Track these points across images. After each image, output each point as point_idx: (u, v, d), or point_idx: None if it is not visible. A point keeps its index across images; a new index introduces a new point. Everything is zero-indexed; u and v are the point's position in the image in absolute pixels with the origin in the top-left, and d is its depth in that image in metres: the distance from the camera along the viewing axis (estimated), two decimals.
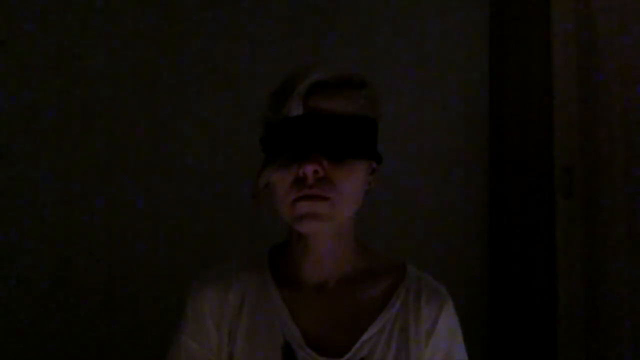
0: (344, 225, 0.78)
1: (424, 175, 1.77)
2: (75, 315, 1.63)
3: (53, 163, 1.67)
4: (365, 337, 0.77)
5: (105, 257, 1.66)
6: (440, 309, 0.80)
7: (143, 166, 1.70)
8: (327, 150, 0.71)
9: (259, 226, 1.39)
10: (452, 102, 1.80)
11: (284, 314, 0.78)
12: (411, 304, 0.80)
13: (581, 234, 1.39)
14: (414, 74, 1.79)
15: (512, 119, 1.71)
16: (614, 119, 1.37)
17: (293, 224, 0.74)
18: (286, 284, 0.80)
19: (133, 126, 1.71)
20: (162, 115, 1.72)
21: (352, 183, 0.73)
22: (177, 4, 1.75)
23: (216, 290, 0.80)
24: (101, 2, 1.72)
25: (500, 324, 1.70)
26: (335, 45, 1.77)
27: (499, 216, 1.75)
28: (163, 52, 1.73)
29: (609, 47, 1.38)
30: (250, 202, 0.76)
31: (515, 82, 1.69)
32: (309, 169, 0.70)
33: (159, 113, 1.72)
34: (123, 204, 1.68)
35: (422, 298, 0.80)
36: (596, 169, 1.38)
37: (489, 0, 1.83)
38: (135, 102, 1.71)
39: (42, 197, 1.66)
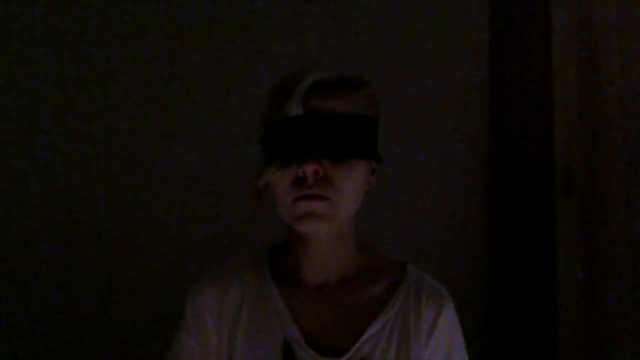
0: (344, 225, 0.78)
1: (423, 175, 1.77)
2: (75, 315, 1.63)
3: (53, 163, 1.67)
4: (365, 336, 0.77)
5: (105, 257, 1.66)
6: (440, 309, 0.80)
7: (143, 166, 1.70)
8: (327, 150, 0.71)
9: (259, 226, 1.39)
10: (452, 101, 1.80)
11: (284, 313, 0.78)
12: (411, 303, 0.80)
13: (581, 234, 1.39)
14: (414, 73, 1.79)
15: (512, 119, 1.71)
16: (614, 119, 1.37)
17: (293, 224, 0.74)
18: (286, 283, 0.80)
19: (133, 126, 1.71)
20: (162, 115, 1.72)
21: (352, 183, 0.73)
22: (179, 4, 1.75)
23: (216, 290, 0.80)
24: (102, 2, 1.72)
25: (500, 324, 1.70)
26: (335, 46, 1.77)
27: (499, 216, 1.75)
28: (163, 52, 1.73)
29: (609, 47, 1.38)
30: (250, 202, 0.76)
31: (515, 83, 1.69)
32: (309, 169, 0.70)
33: (159, 113, 1.72)
34: (123, 204, 1.68)
35: (422, 298, 0.80)
36: (596, 169, 1.38)
37: (489, 1, 1.83)
38: (135, 102, 1.71)
39: (42, 197, 1.66)
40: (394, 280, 0.82)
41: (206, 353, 0.78)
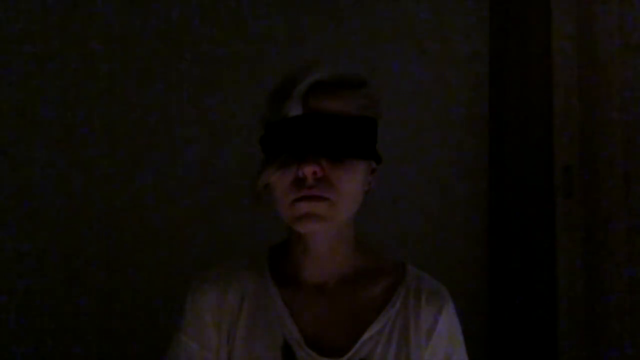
0: (344, 226, 0.78)
1: (423, 175, 1.77)
2: (75, 315, 1.63)
3: (53, 163, 1.67)
4: (365, 337, 0.77)
5: (105, 257, 1.66)
6: (440, 309, 0.79)
7: (143, 166, 1.70)
8: (327, 151, 0.71)
9: (259, 226, 1.39)
10: (452, 102, 1.80)
11: (283, 314, 0.78)
12: (411, 304, 0.80)
13: (581, 234, 1.39)
14: (414, 73, 1.79)
15: (512, 119, 1.71)
16: (614, 119, 1.37)
17: (292, 225, 0.73)
18: (286, 284, 0.80)
19: (133, 126, 1.71)
20: (162, 115, 1.72)
21: (351, 183, 0.73)
22: (178, 3, 1.75)
23: (216, 290, 0.80)
24: (103, 3, 1.72)
25: (500, 324, 1.70)
26: (335, 45, 1.77)
27: (499, 216, 1.75)
28: (163, 52, 1.73)
29: (609, 47, 1.38)
30: (250, 202, 0.76)
31: (516, 82, 1.69)
32: (308, 170, 0.70)
33: (159, 113, 1.72)
34: (123, 204, 1.68)
35: (422, 298, 0.80)
36: (596, 169, 1.38)
37: (489, 1, 1.83)
38: (136, 102, 1.71)
39: (42, 197, 1.65)
40: (394, 280, 0.82)
41: (205, 353, 0.78)
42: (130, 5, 1.73)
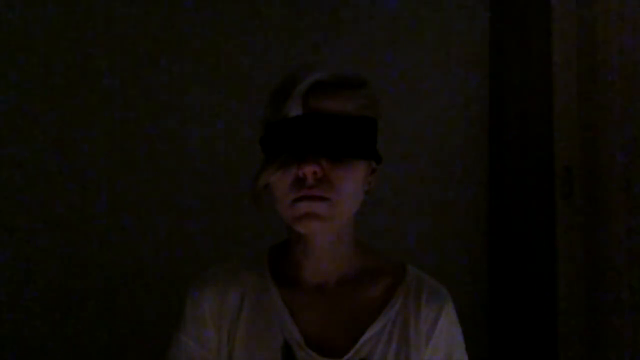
0: (344, 226, 0.78)
1: (423, 175, 1.77)
2: (75, 316, 1.63)
3: (53, 163, 1.67)
4: (365, 337, 0.77)
5: (105, 257, 1.66)
6: (440, 310, 0.79)
7: (143, 166, 1.70)
8: (327, 151, 0.71)
9: (259, 226, 1.39)
10: (452, 102, 1.80)
11: (283, 314, 0.78)
12: (411, 304, 0.80)
13: (581, 234, 1.39)
14: (414, 74, 1.79)
15: (512, 119, 1.71)
16: (614, 119, 1.37)
17: (292, 225, 0.73)
18: (286, 284, 0.80)
19: (133, 126, 1.71)
20: (162, 115, 1.72)
21: (351, 183, 0.73)
22: (178, 4, 1.75)
23: (215, 291, 0.80)
24: (103, 2, 1.72)
25: (500, 324, 1.70)
26: (335, 46, 1.77)
27: (499, 216, 1.75)
28: (163, 52, 1.73)
29: (609, 47, 1.38)
30: (250, 203, 0.76)
31: (515, 82, 1.69)
32: (309, 170, 0.70)
33: (159, 113, 1.72)
34: (123, 204, 1.68)
35: (422, 298, 0.80)
36: (596, 169, 1.38)
37: (489, 1, 1.83)
38: (135, 102, 1.71)
39: (42, 198, 1.65)
40: (394, 280, 0.82)
41: (205, 354, 0.78)
42: (134, 3, 1.73)
